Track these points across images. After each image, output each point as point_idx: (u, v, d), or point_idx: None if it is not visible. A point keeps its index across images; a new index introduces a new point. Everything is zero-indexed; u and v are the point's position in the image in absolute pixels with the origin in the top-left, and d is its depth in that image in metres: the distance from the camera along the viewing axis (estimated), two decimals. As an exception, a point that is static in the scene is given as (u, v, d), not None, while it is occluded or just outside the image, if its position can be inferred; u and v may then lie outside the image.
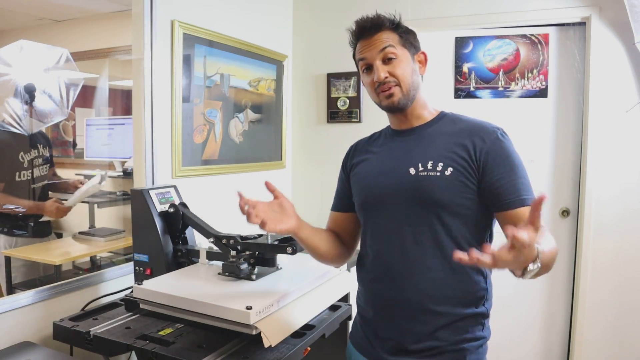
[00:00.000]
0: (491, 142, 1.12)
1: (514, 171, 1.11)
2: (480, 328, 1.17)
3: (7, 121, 2.35)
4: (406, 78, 1.17)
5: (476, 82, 2.69)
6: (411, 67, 1.19)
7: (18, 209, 2.27)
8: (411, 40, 1.21)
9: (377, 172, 1.23)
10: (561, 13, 2.49)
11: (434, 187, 1.12)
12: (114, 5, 2.65)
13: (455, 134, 1.17)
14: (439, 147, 1.16)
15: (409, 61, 1.19)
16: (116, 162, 2.86)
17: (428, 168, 1.14)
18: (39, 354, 1.39)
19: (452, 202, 1.12)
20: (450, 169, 1.12)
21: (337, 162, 3.22)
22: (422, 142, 1.19)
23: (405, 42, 1.19)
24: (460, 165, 1.12)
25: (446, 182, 1.12)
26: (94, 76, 3.10)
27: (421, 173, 1.14)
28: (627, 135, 2.43)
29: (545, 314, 2.69)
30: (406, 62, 1.18)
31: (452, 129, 1.19)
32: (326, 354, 1.87)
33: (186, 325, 1.36)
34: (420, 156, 1.16)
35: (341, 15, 2.85)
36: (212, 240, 1.52)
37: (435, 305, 1.13)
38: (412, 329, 1.16)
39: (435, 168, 1.13)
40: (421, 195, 1.14)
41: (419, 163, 1.15)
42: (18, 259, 2.18)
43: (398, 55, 1.17)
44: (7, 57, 2.40)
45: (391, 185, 1.18)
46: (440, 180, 1.12)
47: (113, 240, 2.19)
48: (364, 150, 1.33)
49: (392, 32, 1.18)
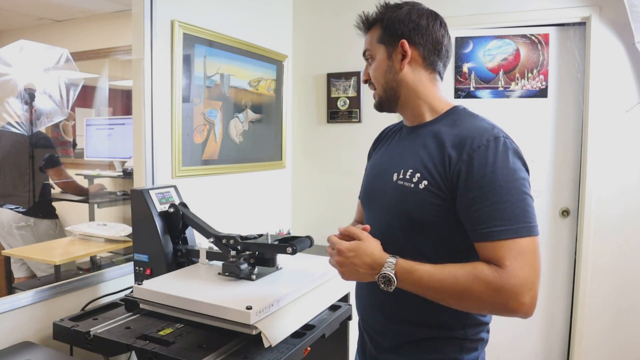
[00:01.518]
0: (468, 158, 0.95)
1: (486, 196, 0.92)
2: (457, 350, 1.05)
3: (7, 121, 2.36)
4: (378, 79, 1.10)
5: (476, 82, 2.69)
6: (386, 66, 1.09)
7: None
8: (395, 30, 1.07)
9: (375, 170, 1.18)
10: (561, 13, 2.49)
11: (406, 200, 1.02)
12: (114, 5, 2.65)
13: (443, 140, 1.02)
14: (423, 153, 1.04)
15: (382, 60, 1.09)
16: (116, 162, 2.86)
17: (406, 177, 1.04)
18: (39, 354, 1.39)
19: (424, 220, 1.00)
20: (425, 182, 1.00)
21: (337, 162, 3.24)
22: (414, 145, 1.08)
23: (383, 37, 1.09)
24: (434, 179, 0.99)
25: (419, 197, 1.00)
26: (94, 76, 3.10)
27: (399, 182, 1.05)
28: (627, 135, 2.43)
29: (545, 314, 2.69)
30: (379, 61, 1.10)
31: (444, 133, 1.03)
32: (326, 354, 1.87)
33: (186, 325, 1.36)
34: (406, 161, 1.06)
35: (341, 15, 2.86)
36: (212, 240, 1.51)
37: (399, 324, 1.08)
38: (382, 338, 1.13)
39: (412, 179, 1.02)
40: (395, 206, 1.05)
41: (402, 169, 1.05)
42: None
43: (373, 56, 1.11)
44: (7, 57, 2.40)
45: (377, 189, 1.13)
46: (413, 194, 1.01)
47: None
48: (384, 139, 1.25)
49: (377, 29, 1.11)
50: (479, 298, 0.90)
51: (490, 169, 0.93)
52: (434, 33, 1.08)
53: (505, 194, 0.91)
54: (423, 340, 1.06)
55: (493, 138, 0.96)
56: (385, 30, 1.08)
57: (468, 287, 0.90)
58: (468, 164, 0.95)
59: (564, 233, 2.64)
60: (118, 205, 2.62)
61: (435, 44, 1.08)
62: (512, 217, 0.90)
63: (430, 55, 1.08)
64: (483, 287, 0.89)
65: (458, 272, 0.91)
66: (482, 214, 0.92)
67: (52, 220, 2.55)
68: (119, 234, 2.03)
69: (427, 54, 1.08)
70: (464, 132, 1.00)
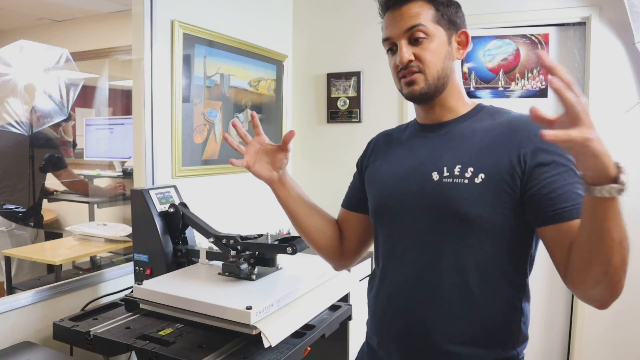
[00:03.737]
0: (531, 143, 0.89)
1: (570, 174, 0.86)
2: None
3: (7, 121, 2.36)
4: (435, 64, 0.96)
5: (476, 82, 2.69)
6: (445, 50, 0.97)
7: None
8: (451, 15, 0.98)
9: (396, 175, 1.03)
10: (561, 13, 2.49)
11: (459, 197, 0.91)
12: (114, 5, 2.65)
13: (492, 131, 0.95)
14: (471, 147, 0.94)
15: (443, 42, 0.97)
16: (116, 162, 2.86)
17: (455, 174, 0.93)
18: (39, 354, 1.39)
19: (480, 218, 0.90)
20: (482, 175, 0.90)
21: (337, 162, 3.24)
22: (452, 141, 0.98)
23: (441, 19, 0.97)
24: (496, 170, 0.90)
25: (476, 192, 0.90)
26: (94, 76, 3.10)
27: (445, 180, 0.93)
28: (627, 135, 2.42)
29: (545, 314, 2.69)
30: (439, 44, 0.96)
31: (489, 125, 0.97)
32: (326, 354, 1.87)
33: (186, 325, 1.36)
34: (447, 158, 0.95)
35: (341, 15, 2.86)
36: (212, 240, 1.52)
37: (448, 344, 0.93)
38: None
39: (464, 174, 0.92)
40: (442, 206, 0.93)
41: (445, 167, 0.94)
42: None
43: (429, 35, 0.96)
44: (7, 57, 2.40)
45: (409, 192, 0.98)
46: (468, 189, 0.90)
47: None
48: (384, 145, 1.13)
49: (427, 3, 0.97)
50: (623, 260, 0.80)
51: (558, 151, 0.86)
52: (464, 22, 1.02)
53: (576, 176, 0.86)
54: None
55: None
56: (440, 12, 0.97)
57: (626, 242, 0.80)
58: (534, 148, 0.88)
59: (564, 233, 2.64)
60: (118, 205, 2.62)
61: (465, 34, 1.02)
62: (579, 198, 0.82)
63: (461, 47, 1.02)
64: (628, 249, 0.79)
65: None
66: (563, 192, 0.84)
67: (36, 229, 2.53)
68: (119, 234, 2.03)
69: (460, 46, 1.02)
70: (516, 119, 0.95)
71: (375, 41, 3.08)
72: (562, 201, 0.85)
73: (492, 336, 0.94)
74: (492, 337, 0.94)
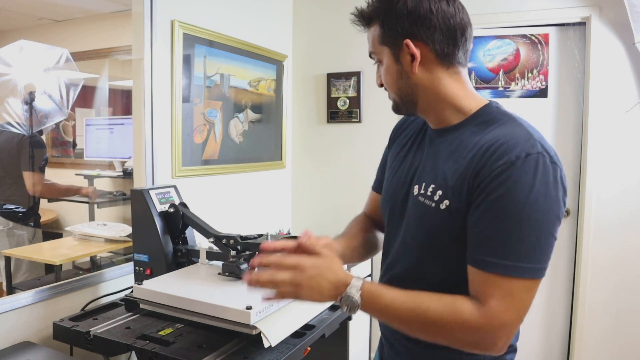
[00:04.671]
0: (490, 174, 0.80)
1: (496, 219, 0.79)
2: None
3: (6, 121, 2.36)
4: (390, 85, 0.95)
5: (476, 82, 2.69)
6: (395, 70, 0.92)
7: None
8: (394, 30, 0.90)
9: (393, 181, 1.03)
10: (561, 13, 2.49)
11: (426, 220, 0.90)
12: (114, 5, 2.65)
13: (469, 150, 0.86)
14: (446, 165, 0.89)
15: (390, 63, 0.93)
16: (116, 162, 2.86)
17: (427, 194, 0.90)
18: (39, 354, 1.39)
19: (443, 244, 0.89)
20: (447, 202, 0.86)
21: (337, 162, 3.24)
22: (438, 153, 0.93)
23: (384, 37, 0.92)
24: (455, 198, 0.85)
25: (439, 220, 0.87)
26: (94, 76, 3.10)
27: (420, 198, 0.92)
28: (627, 135, 2.43)
29: (545, 314, 2.69)
30: (387, 65, 0.94)
31: (471, 141, 0.88)
32: (326, 354, 1.87)
33: (186, 325, 1.36)
34: (427, 173, 0.93)
35: (341, 15, 2.85)
36: (212, 240, 1.52)
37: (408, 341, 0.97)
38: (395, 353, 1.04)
39: (433, 196, 0.89)
40: (414, 224, 0.94)
41: (423, 183, 0.92)
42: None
43: (380, 58, 0.95)
44: (7, 57, 2.40)
45: (397, 201, 0.99)
46: (434, 215, 0.88)
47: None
48: (405, 137, 1.08)
49: (376, 26, 0.93)
50: (450, 334, 0.81)
51: (511, 190, 0.78)
52: (440, 19, 0.88)
53: (517, 224, 0.78)
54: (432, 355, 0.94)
55: (525, 154, 0.79)
56: (384, 28, 0.91)
57: (441, 321, 0.80)
58: (490, 180, 0.80)
59: (564, 233, 2.64)
60: (118, 205, 2.62)
61: (446, 31, 0.88)
62: (516, 253, 0.78)
63: (443, 48, 0.89)
64: (458, 324, 0.80)
65: (433, 304, 0.81)
66: (484, 237, 0.80)
67: (34, 229, 2.53)
68: (119, 234, 2.03)
69: (439, 47, 0.89)
70: (493, 141, 0.84)
71: (375, 41, 3.08)
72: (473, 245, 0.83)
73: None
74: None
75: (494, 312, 0.78)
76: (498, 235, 0.79)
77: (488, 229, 0.80)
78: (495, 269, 0.79)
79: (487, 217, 0.80)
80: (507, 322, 0.79)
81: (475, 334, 0.80)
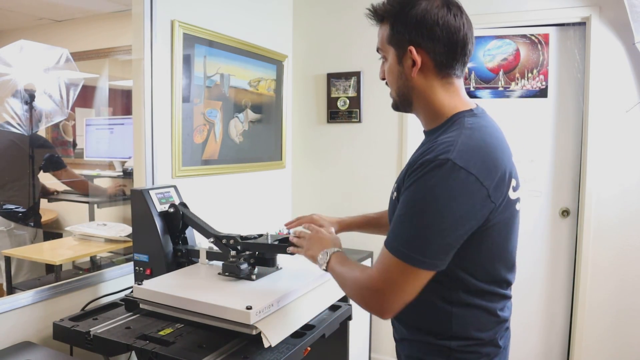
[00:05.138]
0: (412, 172, 0.93)
1: (400, 213, 0.93)
2: (444, 356, 1.02)
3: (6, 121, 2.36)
4: (391, 82, 1.05)
5: (476, 82, 2.69)
6: (397, 70, 1.02)
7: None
8: (400, 35, 0.99)
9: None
10: (561, 13, 2.49)
11: (390, 210, 1.08)
12: (114, 5, 2.65)
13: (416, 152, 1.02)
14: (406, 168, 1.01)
15: (394, 63, 1.02)
16: (116, 162, 2.86)
17: (393, 195, 1.06)
18: (39, 354, 1.39)
19: None
20: (395, 194, 1.04)
21: (337, 162, 3.24)
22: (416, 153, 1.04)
23: (392, 38, 1.01)
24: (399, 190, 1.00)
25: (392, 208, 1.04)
26: (94, 76, 3.10)
27: (393, 199, 1.06)
28: (627, 135, 2.42)
29: (545, 314, 2.69)
30: (391, 64, 1.03)
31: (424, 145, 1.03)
32: (326, 354, 1.87)
33: (186, 325, 1.36)
34: (401, 175, 1.03)
35: (341, 15, 2.86)
36: (212, 240, 1.52)
37: (395, 319, 1.11)
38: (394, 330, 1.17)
39: (392, 196, 1.06)
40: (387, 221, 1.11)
41: (396, 184, 1.05)
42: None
43: (386, 56, 1.05)
44: (7, 57, 2.40)
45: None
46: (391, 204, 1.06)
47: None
48: None
49: (387, 26, 1.02)
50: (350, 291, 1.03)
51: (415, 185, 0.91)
52: (445, 33, 0.96)
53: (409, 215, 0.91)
54: (415, 341, 1.06)
55: (433, 158, 0.90)
56: (393, 30, 1.00)
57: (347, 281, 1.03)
58: (408, 176, 0.94)
59: (564, 233, 2.64)
60: (118, 205, 2.62)
61: (448, 45, 0.97)
62: (401, 237, 0.92)
63: (443, 60, 0.98)
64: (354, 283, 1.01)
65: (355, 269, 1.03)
66: (394, 220, 0.95)
67: (35, 229, 2.53)
68: (119, 234, 2.03)
69: (439, 58, 0.98)
70: (429, 145, 0.96)
71: (375, 41, 3.08)
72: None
73: (425, 323, 1.04)
74: (425, 324, 1.04)
75: (372, 276, 0.96)
76: (397, 219, 0.94)
77: (396, 214, 0.95)
78: (387, 244, 0.94)
79: (399, 205, 0.95)
80: (379, 289, 0.94)
81: (359, 290, 0.99)
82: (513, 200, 0.98)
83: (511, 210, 0.98)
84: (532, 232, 2.67)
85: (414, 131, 2.72)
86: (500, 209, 0.94)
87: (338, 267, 1.09)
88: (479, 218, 0.91)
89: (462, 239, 0.91)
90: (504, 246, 1.01)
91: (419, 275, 0.91)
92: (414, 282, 0.92)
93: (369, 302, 0.97)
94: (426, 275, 0.92)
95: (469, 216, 0.89)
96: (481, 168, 0.89)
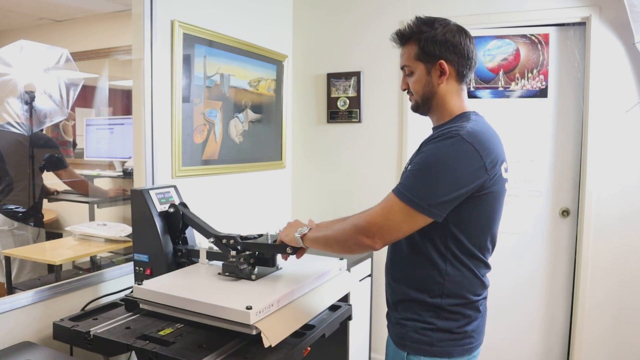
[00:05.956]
0: (421, 147, 1.19)
1: (411, 169, 1.16)
2: (434, 315, 1.20)
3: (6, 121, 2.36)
4: (417, 91, 1.27)
5: (476, 82, 2.69)
6: (425, 80, 1.25)
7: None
8: (430, 50, 1.22)
9: None
10: (561, 13, 2.49)
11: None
12: (114, 5, 2.65)
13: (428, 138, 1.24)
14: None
15: (422, 75, 1.25)
16: (116, 162, 2.86)
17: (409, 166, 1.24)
18: (39, 354, 1.39)
19: None
20: (408, 166, 1.24)
21: (337, 162, 3.24)
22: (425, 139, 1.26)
23: (421, 55, 1.23)
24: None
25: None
26: (94, 76, 3.10)
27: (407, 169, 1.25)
28: (627, 135, 2.42)
29: (545, 314, 2.69)
30: (419, 76, 1.25)
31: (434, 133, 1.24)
32: (326, 354, 1.87)
33: (186, 325, 1.36)
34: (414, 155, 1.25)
35: (341, 15, 2.86)
36: (212, 240, 1.52)
37: (394, 281, 1.28)
38: (388, 295, 1.33)
39: (407, 165, 1.26)
40: None
41: (410, 160, 1.27)
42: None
43: (413, 70, 1.26)
44: (7, 57, 2.40)
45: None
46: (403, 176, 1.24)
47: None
48: None
49: (414, 44, 1.24)
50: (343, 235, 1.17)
51: (434, 151, 1.12)
52: (465, 49, 1.23)
53: (419, 169, 1.12)
54: (410, 300, 1.23)
55: (451, 133, 1.12)
56: (422, 49, 1.23)
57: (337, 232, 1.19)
58: (423, 146, 1.17)
59: (564, 233, 2.64)
60: (118, 205, 2.62)
61: (467, 59, 1.23)
62: (408, 184, 1.12)
63: (462, 70, 1.24)
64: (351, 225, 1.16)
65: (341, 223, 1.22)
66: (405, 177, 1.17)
67: (38, 229, 2.53)
68: (119, 234, 2.03)
69: (460, 69, 1.23)
70: (441, 131, 1.17)
71: (375, 41, 3.08)
72: None
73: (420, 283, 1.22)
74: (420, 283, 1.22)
75: (373, 211, 1.14)
76: (407, 173, 1.17)
77: (408, 169, 1.18)
78: (394, 190, 1.14)
79: (411, 164, 1.18)
80: (377, 222, 1.12)
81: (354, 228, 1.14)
82: (504, 179, 1.20)
83: (501, 185, 1.19)
84: (532, 232, 2.67)
85: (414, 131, 2.72)
86: (493, 181, 1.15)
87: (318, 233, 1.26)
88: (475, 184, 1.11)
89: (457, 200, 1.11)
90: (492, 217, 1.21)
91: (415, 217, 1.10)
92: (410, 223, 1.11)
93: (368, 233, 1.12)
94: (422, 219, 1.11)
95: (467, 180, 1.10)
96: (482, 147, 1.12)
